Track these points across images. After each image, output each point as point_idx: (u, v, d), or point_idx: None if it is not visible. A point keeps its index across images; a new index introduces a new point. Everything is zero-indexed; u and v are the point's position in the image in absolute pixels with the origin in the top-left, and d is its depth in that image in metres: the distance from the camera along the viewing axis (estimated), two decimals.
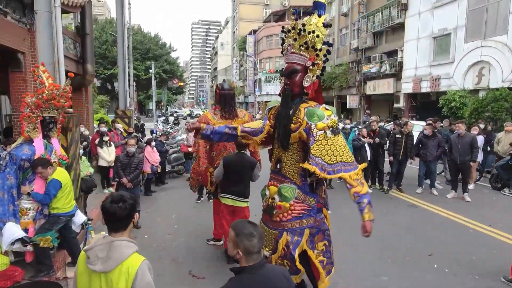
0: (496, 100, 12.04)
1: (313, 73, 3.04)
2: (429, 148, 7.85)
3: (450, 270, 4.38)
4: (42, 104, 3.84)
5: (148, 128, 18.69)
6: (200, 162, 4.69)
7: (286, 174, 3.15)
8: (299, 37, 3.03)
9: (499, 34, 13.61)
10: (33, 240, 3.74)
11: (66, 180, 3.99)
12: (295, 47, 3.06)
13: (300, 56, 3.05)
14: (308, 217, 3.15)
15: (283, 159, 3.16)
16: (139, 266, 1.73)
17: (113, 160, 7.54)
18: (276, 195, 3.13)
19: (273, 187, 3.19)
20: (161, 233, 5.66)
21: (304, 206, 3.12)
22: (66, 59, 8.34)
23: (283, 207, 3.10)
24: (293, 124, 3.02)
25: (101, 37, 32.59)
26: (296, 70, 3.04)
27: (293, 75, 3.05)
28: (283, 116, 3.08)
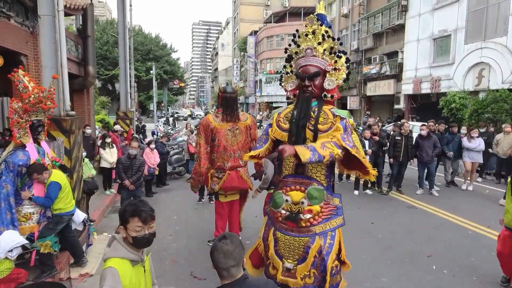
0: (496, 102, 12.06)
1: (336, 77, 3.11)
2: (425, 149, 7.88)
3: (449, 271, 4.42)
4: (29, 109, 3.79)
5: (149, 129, 18.74)
6: (201, 163, 4.74)
7: (313, 176, 3.05)
8: (323, 41, 3.09)
9: (499, 36, 13.64)
10: (33, 247, 3.79)
11: (64, 181, 4.08)
12: (319, 51, 3.09)
13: (322, 60, 3.10)
14: (337, 217, 3.10)
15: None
16: (104, 270, 1.86)
17: (115, 162, 7.59)
18: (304, 199, 2.97)
19: (296, 192, 3.02)
20: (162, 234, 5.71)
21: (331, 207, 3.08)
22: (68, 61, 8.35)
23: (314, 211, 2.97)
24: (320, 125, 2.99)
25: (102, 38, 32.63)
26: (319, 73, 3.08)
27: (316, 77, 3.07)
28: (303, 117, 3.01)
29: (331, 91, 3.10)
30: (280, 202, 3.06)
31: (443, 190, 8.48)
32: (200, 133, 4.77)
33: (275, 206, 3.11)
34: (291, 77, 3.33)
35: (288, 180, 3.10)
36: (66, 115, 4.91)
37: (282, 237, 3.04)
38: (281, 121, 3.19)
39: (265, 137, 3.26)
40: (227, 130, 4.75)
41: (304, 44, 3.15)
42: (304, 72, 3.07)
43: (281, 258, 3.03)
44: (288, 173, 3.13)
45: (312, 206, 2.96)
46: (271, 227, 3.19)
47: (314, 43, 3.09)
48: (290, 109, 3.19)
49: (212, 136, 4.74)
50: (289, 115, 3.16)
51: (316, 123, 2.99)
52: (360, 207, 7.12)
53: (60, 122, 4.76)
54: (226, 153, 4.77)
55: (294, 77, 3.27)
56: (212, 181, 4.82)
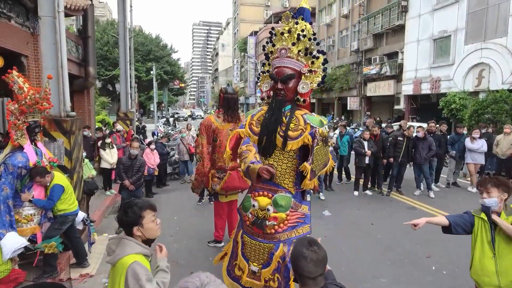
0: (496, 102, 12.07)
1: (311, 80, 2.96)
2: (419, 150, 7.89)
3: (448, 272, 4.43)
4: (26, 110, 3.77)
5: (149, 129, 18.75)
6: (204, 163, 4.77)
7: (280, 183, 2.96)
8: (298, 42, 2.92)
9: (499, 37, 13.65)
10: (37, 248, 3.80)
11: (66, 183, 4.15)
12: (293, 52, 2.93)
13: (297, 62, 2.94)
14: (303, 225, 3.03)
15: (276, 168, 2.94)
16: (129, 265, 1.86)
17: (115, 162, 7.60)
18: (270, 206, 2.92)
19: (263, 197, 2.96)
20: (162, 235, 5.63)
21: (298, 215, 3.00)
22: (69, 62, 8.36)
23: (279, 218, 2.91)
24: (291, 131, 2.88)
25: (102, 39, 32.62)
26: (293, 75, 2.92)
27: (289, 80, 2.91)
28: (273, 122, 2.89)
29: (304, 95, 2.96)
30: (248, 206, 3.04)
31: (444, 191, 8.49)
32: (202, 133, 4.80)
33: (243, 209, 3.10)
34: (267, 77, 3.16)
35: (257, 185, 3.02)
36: (67, 116, 4.92)
37: (248, 241, 3.04)
38: (253, 124, 3.07)
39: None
40: (229, 131, 4.77)
41: (279, 44, 2.99)
42: (277, 74, 2.92)
43: (247, 260, 3.03)
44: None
45: (278, 214, 2.91)
46: (241, 229, 3.18)
47: (288, 43, 2.93)
48: (263, 112, 3.05)
49: (213, 137, 4.76)
50: (261, 118, 3.03)
51: (287, 129, 2.87)
52: (360, 208, 7.12)
53: (60, 123, 4.77)
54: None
55: (268, 78, 3.12)
56: (213, 182, 4.84)
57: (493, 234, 2.54)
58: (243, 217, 3.11)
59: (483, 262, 2.56)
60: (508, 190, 2.52)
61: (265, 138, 2.92)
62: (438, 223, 2.70)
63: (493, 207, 2.52)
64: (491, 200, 2.52)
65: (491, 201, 2.52)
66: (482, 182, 2.61)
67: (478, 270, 2.60)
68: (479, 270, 2.59)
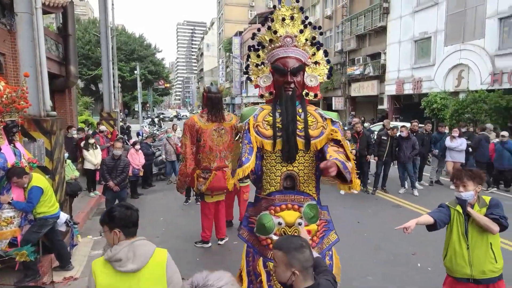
0: (476, 102, 12.42)
1: (318, 73, 2.68)
2: (403, 149, 8.04)
3: (432, 268, 4.51)
4: (3, 109, 3.67)
5: (134, 130, 18.47)
6: (187, 163, 4.71)
7: (305, 191, 2.61)
8: (305, 29, 2.62)
9: (477, 38, 14.05)
10: (8, 255, 3.66)
11: (46, 184, 3.99)
12: (300, 40, 2.61)
13: (303, 52, 2.63)
14: (329, 232, 2.74)
15: (298, 173, 2.59)
16: (167, 257, 1.95)
17: (99, 163, 7.44)
18: (301, 220, 2.52)
19: (290, 211, 2.53)
20: (148, 237, 5.50)
21: (323, 222, 2.71)
22: (48, 61, 8.17)
23: (312, 231, 2.56)
24: (311, 130, 2.57)
25: (84, 37, 31.97)
26: (302, 67, 2.60)
27: (298, 72, 2.58)
28: (291, 121, 2.52)
29: (314, 88, 2.66)
30: (271, 226, 2.52)
31: (427, 189, 8.67)
32: (185, 133, 4.74)
33: (263, 231, 2.55)
34: (262, 70, 2.74)
35: (275, 198, 2.57)
36: (47, 115, 4.78)
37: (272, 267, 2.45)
38: (260, 126, 2.61)
39: (249, 146, 2.57)
40: (213, 130, 4.73)
41: (282, 31, 2.60)
42: (284, 66, 2.55)
43: None
44: (275, 189, 2.60)
45: (310, 226, 2.55)
46: (258, 257, 2.62)
47: (294, 30, 2.60)
48: (268, 111, 2.64)
49: (197, 137, 4.71)
50: (268, 118, 2.61)
51: (306, 127, 2.55)
52: (346, 207, 7.19)
53: (40, 122, 4.63)
54: (212, 153, 4.75)
55: (267, 70, 2.70)
56: (198, 182, 4.79)
57: (467, 226, 2.61)
58: (263, 241, 2.56)
59: (457, 252, 2.64)
60: (481, 182, 2.60)
61: (285, 141, 2.52)
62: (424, 222, 2.70)
63: (469, 200, 2.58)
64: (467, 194, 2.57)
65: (467, 194, 2.57)
66: (457, 175, 2.64)
67: (452, 259, 2.67)
68: (453, 259, 2.66)
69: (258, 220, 2.60)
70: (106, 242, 2.05)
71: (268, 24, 2.67)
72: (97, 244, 5.24)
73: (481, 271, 2.55)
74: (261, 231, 2.57)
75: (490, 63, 13.34)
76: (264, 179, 2.62)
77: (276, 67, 2.60)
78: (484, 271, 2.55)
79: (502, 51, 13.01)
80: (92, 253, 4.95)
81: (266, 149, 2.59)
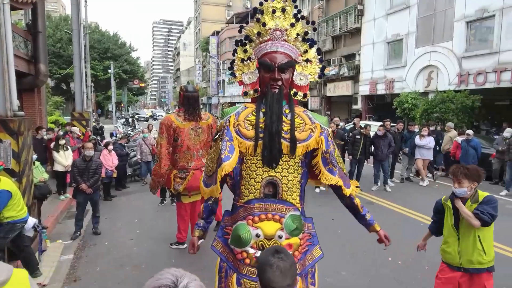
0: (444, 102, 12.97)
1: (309, 71, 2.45)
2: (380, 148, 8.30)
3: (403, 262, 4.69)
4: None
5: (107, 130, 18.02)
6: (161, 163, 4.64)
7: (288, 199, 2.34)
8: (297, 23, 2.40)
9: (445, 41, 14.66)
10: None
11: (14, 188, 3.85)
12: (291, 34, 2.38)
13: (293, 48, 2.41)
14: (313, 247, 2.50)
15: (281, 180, 2.33)
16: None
17: (70, 165, 7.21)
18: (281, 232, 2.26)
19: (270, 222, 2.28)
20: (122, 239, 5.52)
21: (306, 236, 2.44)
22: (16, 59, 7.85)
23: (294, 245, 2.29)
24: (298, 132, 2.34)
25: (55, 35, 30.87)
26: (292, 63, 2.37)
27: (287, 69, 2.34)
28: (276, 121, 2.28)
29: (303, 88, 2.44)
30: (247, 238, 2.25)
31: (398, 186, 8.97)
32: (162, 133, 4.67)
33: (239, 244, 2.27)
34: (248, 66, 2.48)
35: (254, 207, 2.30)
36: (14, 115, 4.60)
37: (253, 286, 2.22)
38: (241, 125, 2.35)
39: (230, 143, 2.32)
40: (190, 130, 4.70)
41: (272, 24, 2.37)
42: (271, 61, 2.32)
43: None
44: (254, 197, 2.32)
45: (291, 239, 2.29)
46: (232, 273, 2.33)
47: (285, 24, 2.37)
48: (251, 110, 2.40)
49: (174, 136, 4.66)
50: (251, 117, 2.36)
51: (293, 129, 2.31)
52: (321, 205, 7.32)
53: (7, 123, 4.44)
54: (189, 152, 4.72)
55: (253, 66, 2.45)
56: (175, 182, 4.74)
57: (458, 218, 2.85)
58: (238, 254, 2.28)
59: (449, 242, 2.91)
60: (478, 179, 2.79)
61: (267, 143, 2.27)
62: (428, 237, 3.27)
63: (462, 195, 2.78)
64: (461, 190, 2.76)
65: (460, 190, 2.76)
66: (454, 172, 2.82)
67: (445, 248, 2.95)
68: (445, 248, 2.94)
69: (233, 230, 2.33)
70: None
71: (257, 17, 2.44)
72: (67, 249, 5.10)
73: (468, 260, 2.77)
74: (236, 243, 2.29)
75: (458, 65, 13.95)
76: (243, 185, 2.36)
77: (262, 62, 2.36)
78: (471, 261, 2.77)
79: (468, 53, 13.64)
80: (62, 258, 4.81)
81: (246, 152, 2.34)
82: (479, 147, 8.63)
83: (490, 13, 12.72)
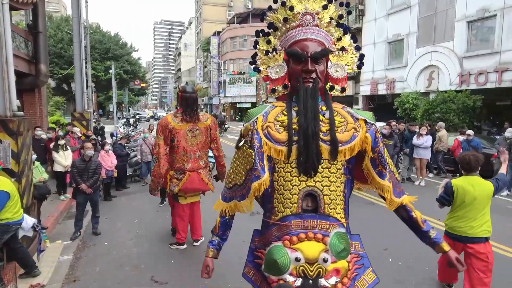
0: (445, 102, 12.94)
1: (346, 61, 2.09)
2: (386, 148, 8.25)
3: (403, 263, 4.67)
4: None
5: (108, 130, 18.03)
6: (160, 164, 4.64)
7: (332, 214, 1.96)
8: (329, 5, 2.04)
9: (446, 40, 14.63)
10: None
11: (12, 189, 3.85)
12: (323, 19, 2.02)
13: (327, 34, 2.05)
14: (365, 270, 2.12)
15: (322, 191, 1.95)
16: None
17: (69, 165, 7.21)
18: (326, 254, 1.86)
19: (312, 242, 1.88)
20: (122, 239, 5.51)
21: (354, 258, 2.06)
22: (17, 59, 7.88)
23: (342, 269, 1.91)
24: (339, 133, 1.96)
25: (56, 35, 30.93)
26: (327, 52, 2.00)
27: (321, 59, 1.98)
28: (313, 121, 1.91)
29: (340, 81, 2.05)
30: (285, 263, 1.84)
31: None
32: (158, 133, 4.67)
33: (275, 270, 1.86)
34: (274, 59, 2.10)
35: (291, 224, 1.92)
36: (13, 115, 4.60)
37: None
38: (271, 128, 1.97)
39: (261, 151, 1.95)
40: (187, 131, 4.68)
41: (300, 7, 2.00)
42: (303, 50, 1.95)
43: None
44: (291, 212, 1.93)
45: (339, 263, 1.89)
46: None
47: (316, 6, 2.01)
48: (281, 109, 2.02)
49: (171, 137, 4.65)
50: (281, 117, 1.99)
51: (333, 129, 1.94)
52: None
53: (6, 123, 4.44)
54: (186, 154, 4.70)
55: (280, 58, 2.08)
56: (172, 183, 4.73)
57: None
58: (274, 283, 1.87)
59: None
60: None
61: (303, 147, 1.91)
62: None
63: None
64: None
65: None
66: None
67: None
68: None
69: (267, 254, 1.92)
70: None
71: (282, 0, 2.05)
72: (66, 249, 5.09)
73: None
74: (271, 269, 1.88)
75: (459, 65, 13.92)
76: (276, 199, 1.97)
77: (292, 52, 1.98)
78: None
79: (469, 53, 13.61)
80: (61, 258, 4.80)
81: (278, 158, 1.96)
82: (479, 147, 8.60)
83: (491, 13, 12.69)
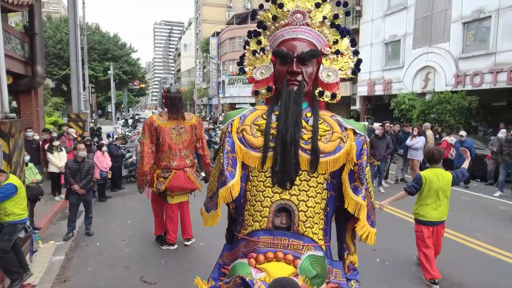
0: (441, 103, 12.98)
1: (340, 66, 1.91)
2: (378, 149, 8.32)
3: (391, 263, 4.71)
4: None
5: (106, 131, 18.07)
6: (144, 162, 4.72)
7: (307, 233, 1.73)
8: (323, 3, 1.89)
9: (442, 41, 14.67)
10: None
11: (20, 185, 4.10)
12: (316, 18, 1.87)
13: (319, 34, 1.90)
14: None
15: (298, 206, 1.73)
16: None
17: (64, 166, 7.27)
18: (296, 279, 1.56)
19: (280, 264, 1.65)
20: (114, 240, 5.56)
21: (332, 286, 1.77)
22: (13, 60, 7.92)
23: None
24: (321, 142, 1.76)
25: (55, 36, 30.97)
26: (317, 53, 1.83)
27: (309, 60, 1.82)
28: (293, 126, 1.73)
29: (332, 86, 1.89)
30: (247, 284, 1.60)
31: (392, 187, 8.97)
32: (144, 132, 4.77)
33: None
34: (261, 59, 1.96)
35: (259, 241, 1.70)
36: (5, 117, 4.65)
37: None
38: (246, 131, 1.81)
39: (232, 155, 1.78)
40: (171, 129, 4.77)
41: (291, 5, 1.86)
42: (289, 49, 1.81)
43: None
44: (260, 227, 1.73)
45: None
46: None
47: (308, 4, 1.87)
48: (262, 112, 1.88)
49: (156, 135, 4.73)
50: (260, 121, 1.83)
51: (315, 138, 1.75)
52: None
53: None
54: (171, 151, 4.78)
55: (267, 59, 1.93)
56: (158, 181, 4.80)
57: None
58: None
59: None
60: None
61: (279, 154, 1.72)
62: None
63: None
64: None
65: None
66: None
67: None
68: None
69: (230, 270, 1.72)
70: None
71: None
72: (59, 250, 5.14)
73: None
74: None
75: (454, 66, 13.96)
76: (247, 211, 1.77)
77: (277, 52, 1.83)
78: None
79: (465, 54, 13.65)
80: (53, 258, 4.85)
81: (252, 166, 1.77)
82: (472, 148, 8.64)
83: (486, 14, 12.73)
